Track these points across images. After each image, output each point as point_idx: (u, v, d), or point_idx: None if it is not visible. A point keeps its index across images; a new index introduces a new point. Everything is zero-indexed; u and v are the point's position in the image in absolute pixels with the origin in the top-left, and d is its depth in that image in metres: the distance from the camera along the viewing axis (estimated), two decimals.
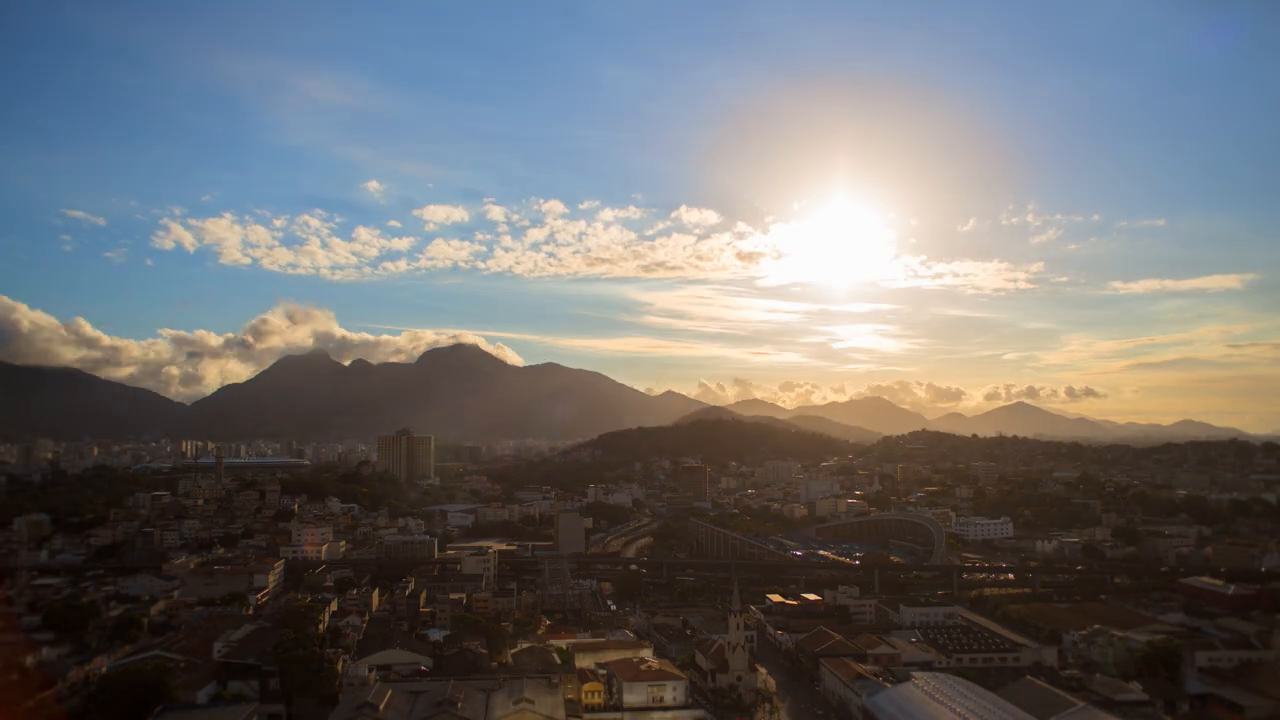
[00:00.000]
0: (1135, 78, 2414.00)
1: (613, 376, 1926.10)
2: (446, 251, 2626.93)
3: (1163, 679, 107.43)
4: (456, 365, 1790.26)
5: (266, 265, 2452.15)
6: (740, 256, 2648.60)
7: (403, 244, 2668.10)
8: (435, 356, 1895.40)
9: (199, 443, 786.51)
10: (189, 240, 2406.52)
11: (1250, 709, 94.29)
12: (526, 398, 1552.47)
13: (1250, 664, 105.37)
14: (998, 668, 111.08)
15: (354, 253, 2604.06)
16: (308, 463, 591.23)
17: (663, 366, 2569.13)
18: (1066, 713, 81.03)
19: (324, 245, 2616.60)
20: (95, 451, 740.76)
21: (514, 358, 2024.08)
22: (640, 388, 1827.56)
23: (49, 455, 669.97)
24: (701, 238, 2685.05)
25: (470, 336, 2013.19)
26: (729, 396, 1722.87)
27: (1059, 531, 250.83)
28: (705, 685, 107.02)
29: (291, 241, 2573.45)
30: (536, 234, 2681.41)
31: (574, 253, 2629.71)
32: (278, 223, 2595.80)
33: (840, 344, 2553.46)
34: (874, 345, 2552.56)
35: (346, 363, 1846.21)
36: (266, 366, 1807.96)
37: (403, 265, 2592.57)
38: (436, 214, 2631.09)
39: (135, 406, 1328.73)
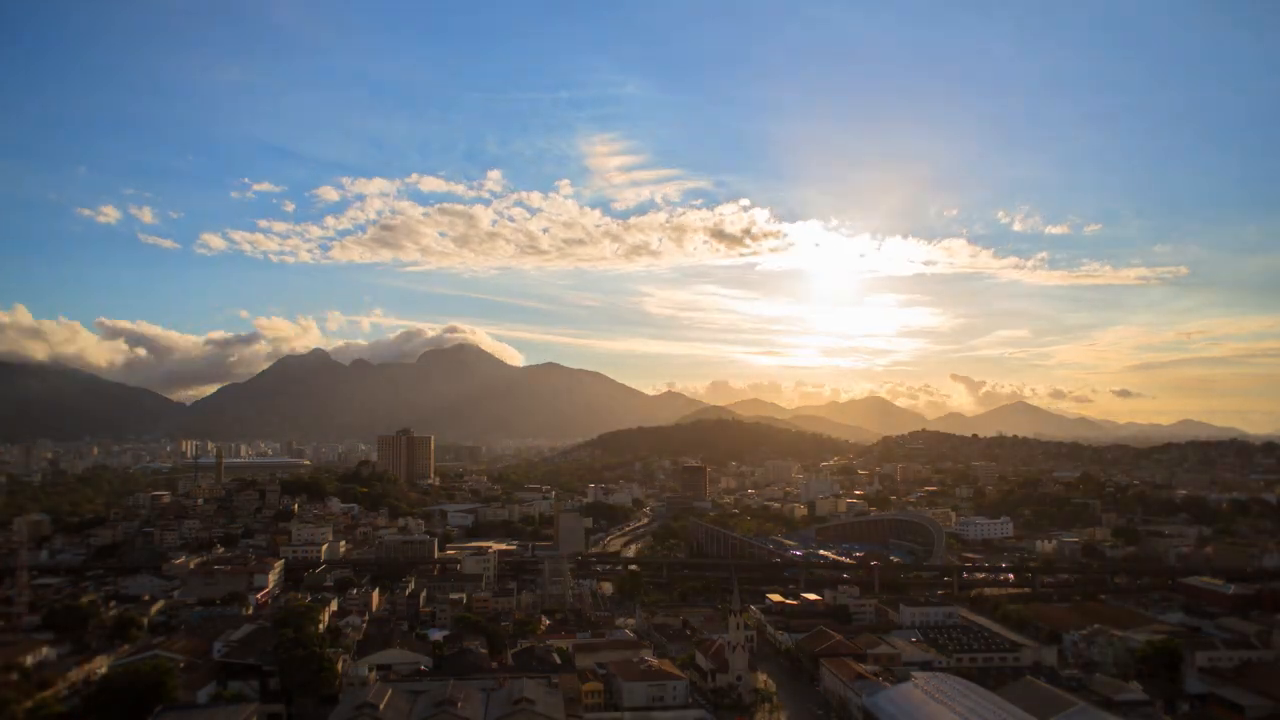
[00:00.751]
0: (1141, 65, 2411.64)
1: (613, 376, 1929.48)
2: (402, 226, 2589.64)
3: (1163, 679, 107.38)
4: (456, 365, 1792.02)
5: (198, 252, 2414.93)
6: (714, 235, 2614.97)
7: (346, 222, 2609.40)
8: (435, 357, 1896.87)
9: (199, 443, 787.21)
10: (106, 219, 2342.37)
11: (1250, 709, 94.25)
12: (526, 398, 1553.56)
13: (1250, 664, 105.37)
14: (998, 668, 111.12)
15: (294, 232, 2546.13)
16: (308, 463, 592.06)
17: (663, 366, 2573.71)
18: (1066, 713, 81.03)
19: (260, 229, 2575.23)
20: (95, 451, 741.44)
21: (514, 357, 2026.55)
22: (640, 388, 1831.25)
23: (49, 455, 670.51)
24: (674, 208, 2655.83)
25: (471, 337, 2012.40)
26: (729, 396, 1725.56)
27: (1059, 531, 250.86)
28: (705, 685, 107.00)
29: (218, 221, 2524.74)
30: (484, 212, 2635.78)
31: (544, 230, 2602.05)
32: (197, 196, 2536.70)
33: (841, 343, 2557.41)
34: (874, 344, 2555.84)
35: (347, 363, 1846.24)
36: (267, 366, 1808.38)
37: (354, 251, 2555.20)
38: (371, 188, 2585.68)
39: (135, 406, 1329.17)
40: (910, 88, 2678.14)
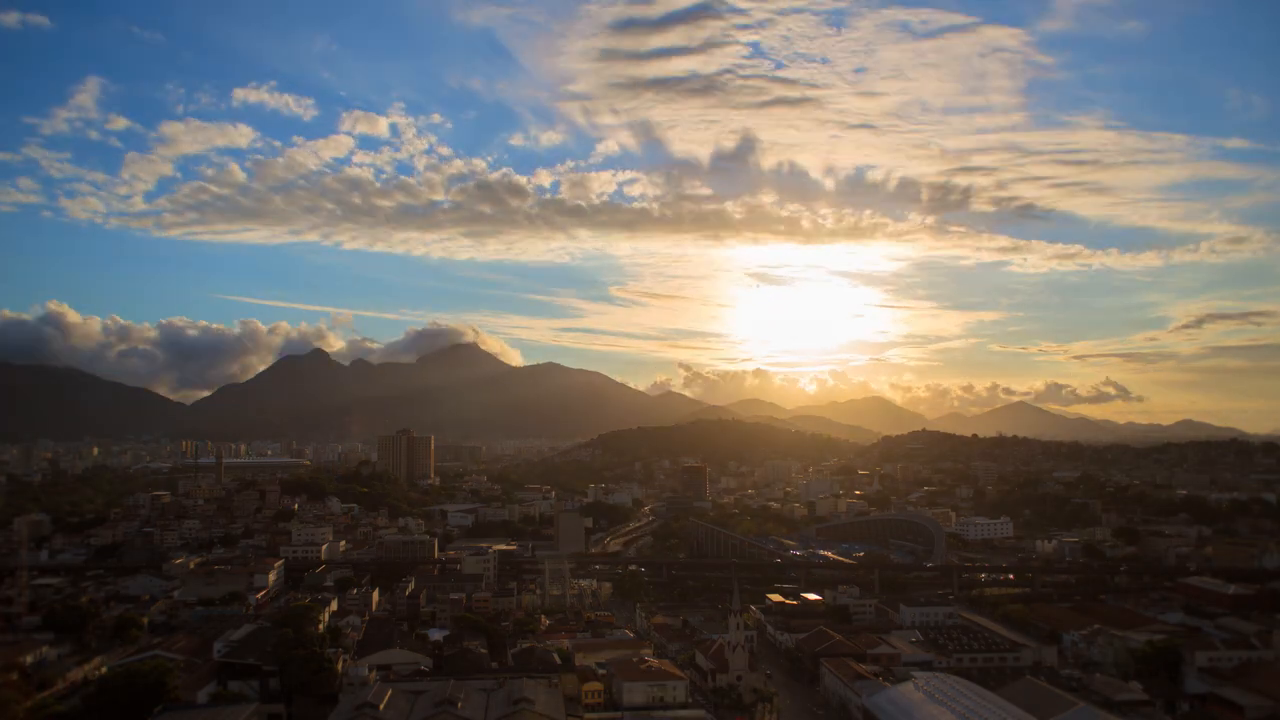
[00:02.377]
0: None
1: (613, 376, 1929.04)
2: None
3: (1163, 679, 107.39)
4: (456, 365, 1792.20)
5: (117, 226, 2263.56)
6: (714, 230, 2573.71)
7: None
8: (434, 356, 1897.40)
9: (199, 443, 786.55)
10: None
11: (1250, 709, 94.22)
12: (526, 398, 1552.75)
13: (1250, 664, 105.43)
14: (998, 668, 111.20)
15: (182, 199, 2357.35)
16: (308, 463, 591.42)
17: (663, 366, 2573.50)
18: (1067, 713, 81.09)
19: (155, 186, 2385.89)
20: (95, 451, 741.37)
21: (514, 357, 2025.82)
22: (640, 388, 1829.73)
23: (49, 455, 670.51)
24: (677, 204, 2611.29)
25: (471, 336, 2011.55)
26: (729, 396, 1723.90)
27: (1059, 531, 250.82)
28: (705, 685, 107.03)
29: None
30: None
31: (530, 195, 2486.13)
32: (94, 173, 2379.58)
33: (841, 342, 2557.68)
34: (874, 344, 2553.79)
35: (347, 363, 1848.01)
36: (267, 366, 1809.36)
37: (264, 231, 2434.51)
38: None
39: (135, 406, 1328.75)
40: (915, 72, 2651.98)
